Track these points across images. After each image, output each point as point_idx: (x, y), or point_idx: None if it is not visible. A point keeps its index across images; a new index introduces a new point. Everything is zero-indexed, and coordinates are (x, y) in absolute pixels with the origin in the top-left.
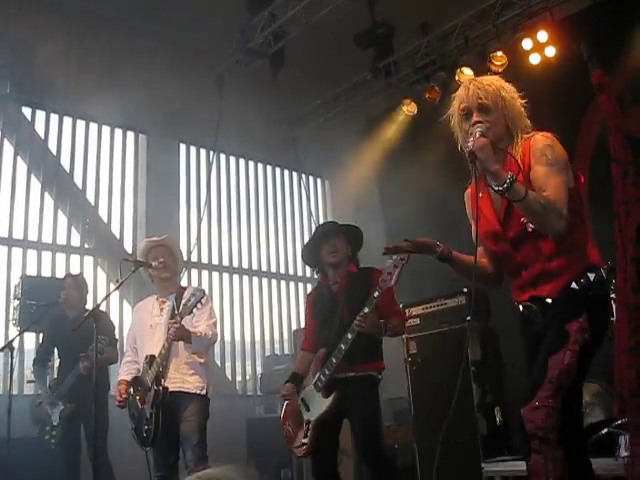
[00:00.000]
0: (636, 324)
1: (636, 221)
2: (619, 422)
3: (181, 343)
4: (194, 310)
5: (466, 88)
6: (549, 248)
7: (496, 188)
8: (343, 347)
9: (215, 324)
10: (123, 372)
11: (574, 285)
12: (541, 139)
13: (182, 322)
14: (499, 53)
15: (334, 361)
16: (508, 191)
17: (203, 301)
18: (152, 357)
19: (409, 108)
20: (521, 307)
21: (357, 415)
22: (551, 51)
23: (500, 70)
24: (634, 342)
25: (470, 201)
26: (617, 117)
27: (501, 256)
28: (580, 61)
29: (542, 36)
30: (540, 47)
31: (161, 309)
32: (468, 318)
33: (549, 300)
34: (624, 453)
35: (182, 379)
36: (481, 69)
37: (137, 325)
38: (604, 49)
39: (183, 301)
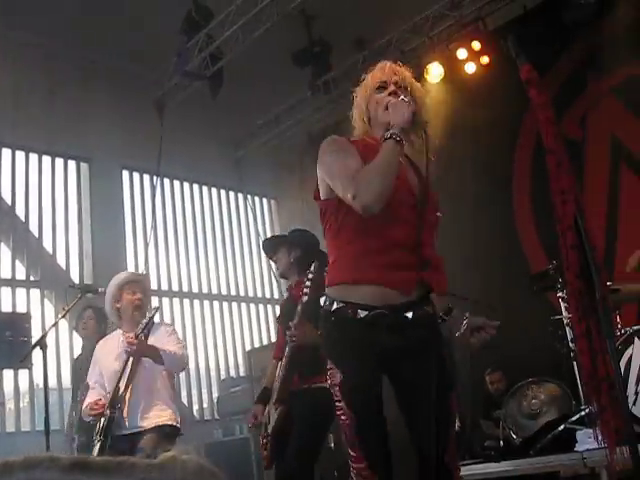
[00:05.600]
0: (583, 309)
1: (573, 209)
2: (575, 418)
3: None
4: (150, 330)
5: (386, 66)
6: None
7: None
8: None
9: (185, 347)
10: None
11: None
12: None
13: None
14: (435, 64)
15: (281, 373)
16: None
17: (169, 330)
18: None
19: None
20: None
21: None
22: (486, 60)
23: (437, 80)
24: (584, 328)
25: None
26: (548, 109)
27: (397, 222)
28: (514, 66)
29: (476, 45)
30: (475, 56)
31: None
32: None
33: (428, 309)
34: (582, 447)
35: (157, 414)
36: (418, 81)
37: (102, 360)
38: (537, 55)
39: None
